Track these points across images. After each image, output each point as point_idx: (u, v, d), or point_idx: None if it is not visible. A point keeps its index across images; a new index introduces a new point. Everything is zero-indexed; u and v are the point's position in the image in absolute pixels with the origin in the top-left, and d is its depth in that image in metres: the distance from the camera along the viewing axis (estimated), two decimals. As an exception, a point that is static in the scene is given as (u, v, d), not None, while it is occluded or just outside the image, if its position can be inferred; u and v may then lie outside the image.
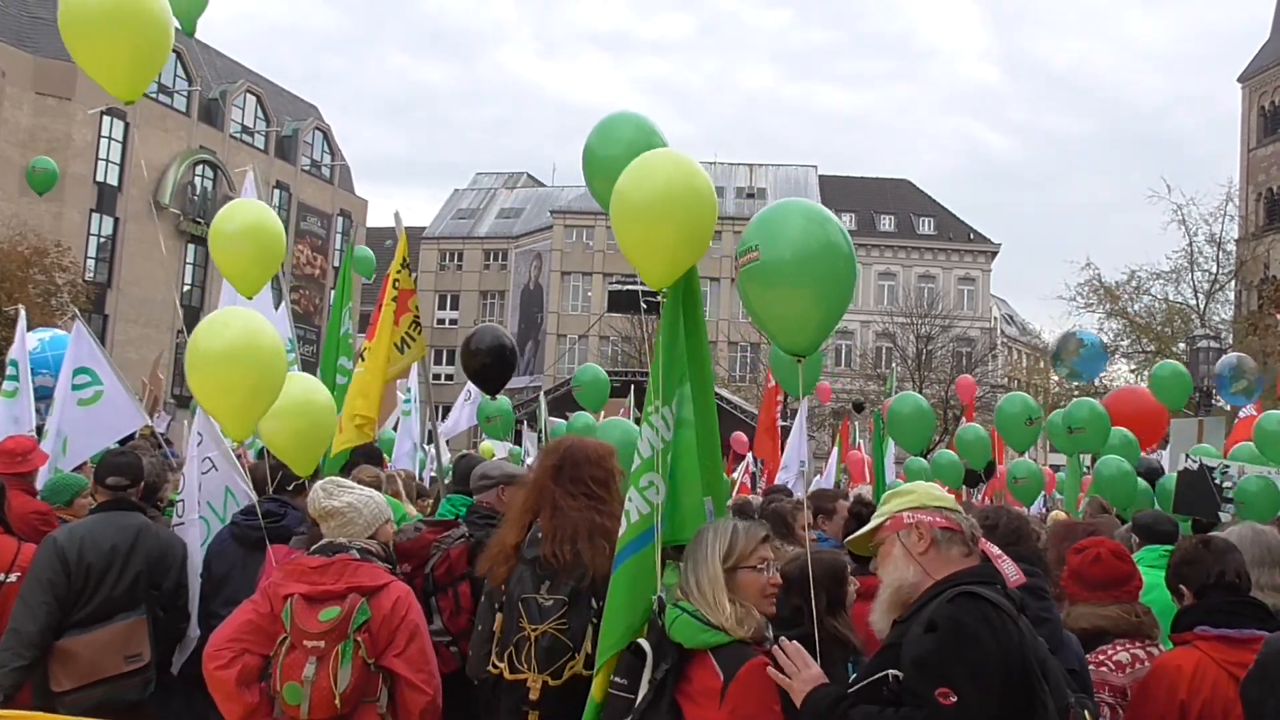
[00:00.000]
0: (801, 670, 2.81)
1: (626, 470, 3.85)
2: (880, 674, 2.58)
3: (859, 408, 26.14)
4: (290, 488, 5.06)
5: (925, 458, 14.49)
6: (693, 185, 3.56)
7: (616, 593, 3.40)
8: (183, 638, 4.87)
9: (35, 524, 5.32)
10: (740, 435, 16.75)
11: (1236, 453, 8.35)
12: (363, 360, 6.21)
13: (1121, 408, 9.41)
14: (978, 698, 2.40)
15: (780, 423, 13.00)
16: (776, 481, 10.92)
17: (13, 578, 4.73)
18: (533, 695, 3.59)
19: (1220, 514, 7.24)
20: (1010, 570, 2.71)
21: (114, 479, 4.84)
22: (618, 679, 3.22)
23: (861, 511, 4.61)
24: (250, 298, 5.88)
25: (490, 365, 7.26)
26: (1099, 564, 3.69)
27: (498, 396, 8.48)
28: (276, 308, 8.46)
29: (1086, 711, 2.69)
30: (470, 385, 12.92)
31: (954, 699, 2.39)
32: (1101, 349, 10.27)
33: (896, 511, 2.85)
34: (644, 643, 3.19)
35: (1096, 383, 37.74)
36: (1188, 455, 8.89)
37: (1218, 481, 7.52)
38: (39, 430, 7.94)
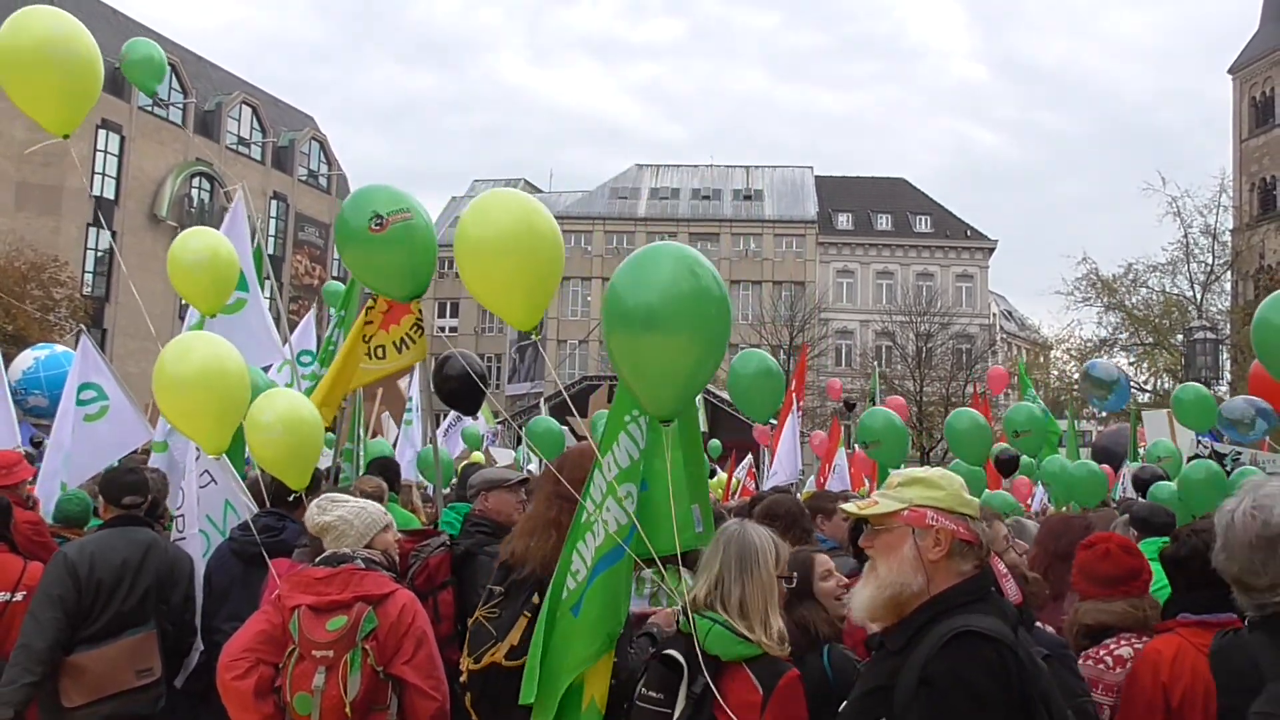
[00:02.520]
0: None
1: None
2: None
3: (850, 406, 26.14)
4: (290, 499, 5.05)
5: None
6: (533, 224, 3.67)
7: (595, 601, 3.38)
8: (189, 652, 4.88)
9: (28, 535, 5.27)
10: (763, 428, 16.61)
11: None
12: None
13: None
14: None
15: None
16: (767, 485, 10.93)
17: (18, 596, 4.74)
18: (462, 678, 3.75)
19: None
20: (1012, 590, 2.64)
21: (130, 498, 4.86)
22: (650, 692, 3.10)
23: None
24: (212, 315, 6.19)
25: (460, 389, 7.27)
26: (1108, 559, 3.66)
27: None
28: (285, 324, 8.49)
29: None
30: (448, 416, 13.13)
31: None
32: (1121, 383, 10.24)
33: (921, 505, 2.57)
34: (676, 654, 3.08)
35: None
36: (1198, 440, 8.92)
37: (1228, 468, 7.53)
38: (37, 446, 7.94)
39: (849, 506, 2.70)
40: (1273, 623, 2.50)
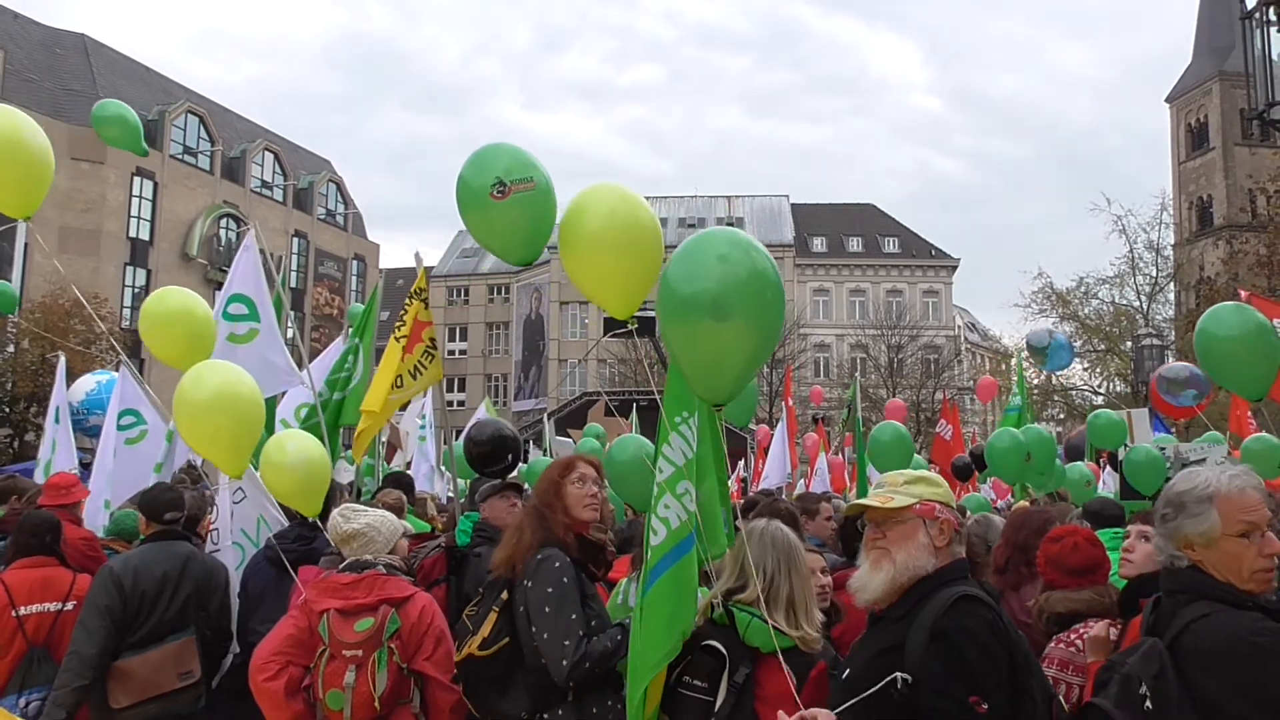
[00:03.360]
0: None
1: (627, 478, 3.82)
2: (889, 677, 2.49)
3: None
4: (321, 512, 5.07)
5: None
6: (636, 217, 3.50)
7: (663, 600, 3.13)
8: (225, 655, 4.89)
9: (83, 550, 5.32)
10: (766, 429, 16.51)
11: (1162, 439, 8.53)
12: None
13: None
14: (1001, 701, 2.41)
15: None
16: (759, 489, 10.92)
17: (69, 606, 4.74)
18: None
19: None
20: None
21: (171, 514, 4.87)
22: (696, 680, 3.06)
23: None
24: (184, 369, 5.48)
25: (491, 453, 6.85)
26: (1076, 551, 3.70)
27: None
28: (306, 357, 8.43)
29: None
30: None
31: (985, 706, 2.38)
32: (1063, 346, 10.38)
33: (929, 499, 2.71)
34: (719, 645, 3.05)
35: (1055, 378, 37.86)
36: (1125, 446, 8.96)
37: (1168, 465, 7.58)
38: (86, 468, 7.94)
39: (869, 500, 2.74)
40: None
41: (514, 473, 5.93)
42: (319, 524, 4.88)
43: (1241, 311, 5.27)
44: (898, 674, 2.46)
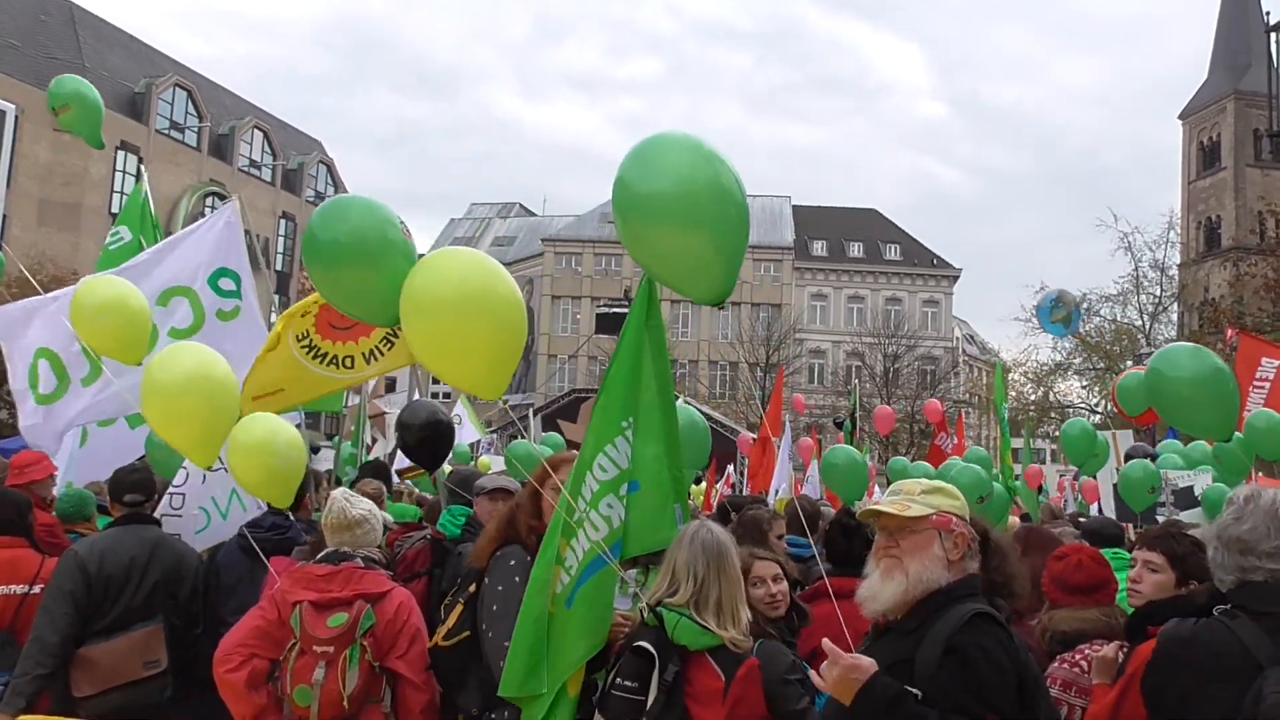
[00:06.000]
0: (843, 659, 2.56)
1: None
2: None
3: (840, 425, 26.15)
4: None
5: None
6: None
7: (587, 601, 3.39)
8: (195, 644, 4.84)
9: (44, 537, 5.22)
10: (746, 436, 16.50)
11: (1163, 461, 8.51)
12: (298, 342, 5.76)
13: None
14: (1015, 717, 2.46)
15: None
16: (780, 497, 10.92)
17: (36, 589, 4.68)
18: None
19: (1156, 517, 7.35)
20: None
21: (131, 495, 4.81)
22: (626, 681, 3.16)
23: (847, 521, 4.55)
24: (138, 364, 5.04)
25: (426, 439, 6.49)
26: (1081, 570, 3.72)
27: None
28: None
29: None
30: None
31: None
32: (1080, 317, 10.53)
33: (947, 511, 2.71)
34: (647, 645, 3.15)
35: (1052, 396, 37.93)
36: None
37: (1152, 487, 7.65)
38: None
39: (885, 507, 2.74)
40: (1246, 595, 2.52)
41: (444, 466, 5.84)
42: (292, 512, 4.84)
43: (1198, 355, 4.96)
44: (909, 689, 2.48)
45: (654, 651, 3.13)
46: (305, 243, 3.46)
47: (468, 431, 14.60)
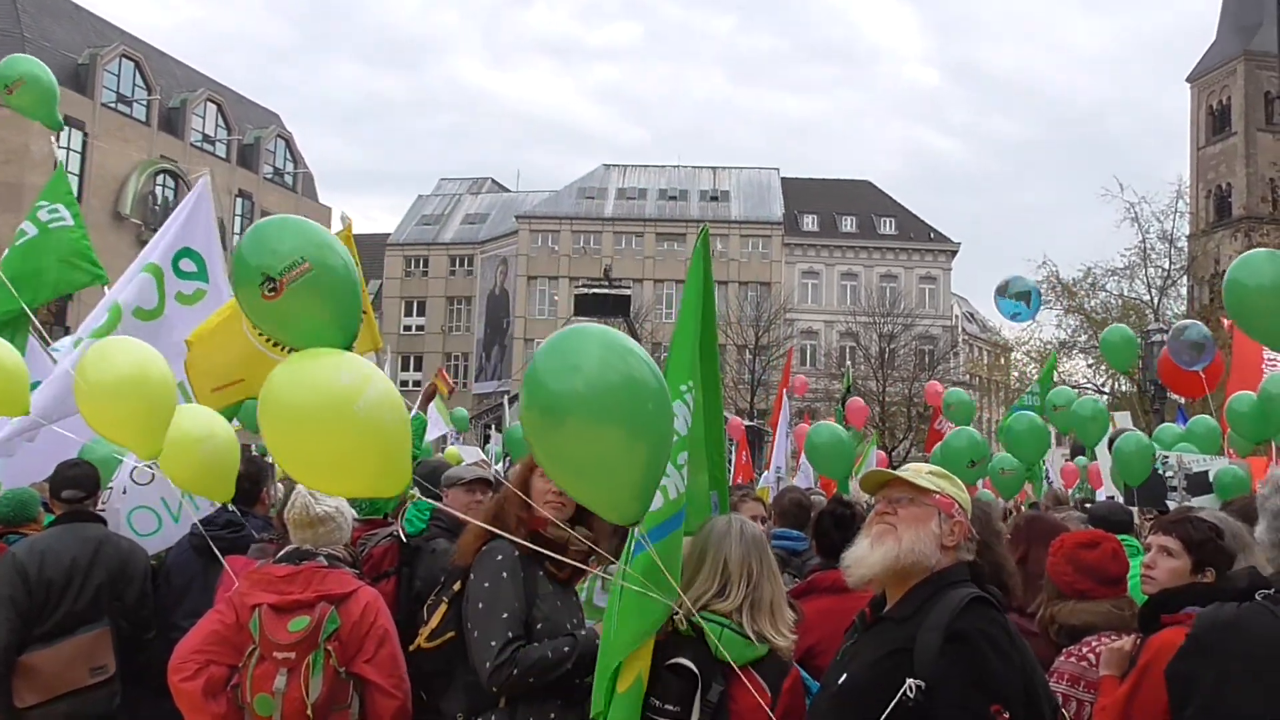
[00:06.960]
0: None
1: None
2: (904, 686, 2.49)
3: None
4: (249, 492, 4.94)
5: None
6: None
7: (648, 571, 2.88)
8: (145, 649, 4.78)
9: None
10: (736, 421, 16.46)
11: (1159, 437, 8.64)
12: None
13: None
14: (1021, 708, 2.48)
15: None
16: (760, 485, 11.01)
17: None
18: None
19: (1167, 502, 7.41)
20: None
21: (69, 491, 4.74)
22: (666, 705, 2.92)
23: (840, 510, 4.53)
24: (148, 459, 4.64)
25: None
26: (1116, 560, 3.71)
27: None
28: None
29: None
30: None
31: (1008, 715, 2.43)
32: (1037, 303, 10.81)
33: (951, 496, 2.78)
34: (688, 663, 2.93)
35: (1060, 375, 38.13)
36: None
37: (1160, 471, 7.71)
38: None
39: (902, 472, 2.80)
40: None
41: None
42: (249, 510, 4.77)
43: (1275, 259, 5.05)
44: (910, 680, 2.48)
45: (695, 670, 2.93)
46: (235, 265, 3.17)
47: (435, 425, 14.53)
